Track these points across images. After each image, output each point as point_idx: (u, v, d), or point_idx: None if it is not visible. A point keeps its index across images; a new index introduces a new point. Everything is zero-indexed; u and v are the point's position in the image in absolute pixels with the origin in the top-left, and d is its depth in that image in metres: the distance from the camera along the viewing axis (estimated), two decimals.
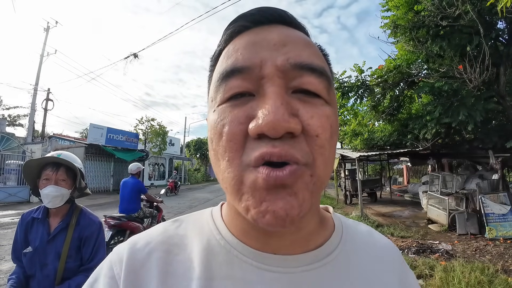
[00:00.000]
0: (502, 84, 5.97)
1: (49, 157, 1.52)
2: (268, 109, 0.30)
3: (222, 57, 0.38)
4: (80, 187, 1.58)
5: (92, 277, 0.41)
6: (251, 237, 0.40)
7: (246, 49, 0.35)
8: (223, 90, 0.35)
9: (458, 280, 3.63)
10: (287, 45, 0.35)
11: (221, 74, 0.36)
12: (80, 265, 1.50)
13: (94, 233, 1.55)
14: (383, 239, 0.51)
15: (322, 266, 0.40)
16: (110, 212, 5.38)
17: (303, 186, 0.31)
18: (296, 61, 0.34)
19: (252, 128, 0.31)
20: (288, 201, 0.30)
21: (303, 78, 0.34)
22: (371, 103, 8.41)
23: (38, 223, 1.51)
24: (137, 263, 0.39)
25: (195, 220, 0.47)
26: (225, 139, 0.33)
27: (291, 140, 0.31)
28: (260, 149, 0.31)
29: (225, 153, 0.33)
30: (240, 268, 0.38)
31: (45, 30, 18.48)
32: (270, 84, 0.33)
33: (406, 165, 19.59)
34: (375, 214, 9.33)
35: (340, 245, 0.44)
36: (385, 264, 0.46)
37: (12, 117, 24.58)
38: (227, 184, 0.34)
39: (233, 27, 0.39)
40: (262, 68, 0.33)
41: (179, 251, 0.41)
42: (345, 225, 0.48)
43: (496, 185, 6.76)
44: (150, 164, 24.20)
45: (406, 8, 6.39)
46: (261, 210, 0.30)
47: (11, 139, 13.19)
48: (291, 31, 0.38)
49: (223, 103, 0.35)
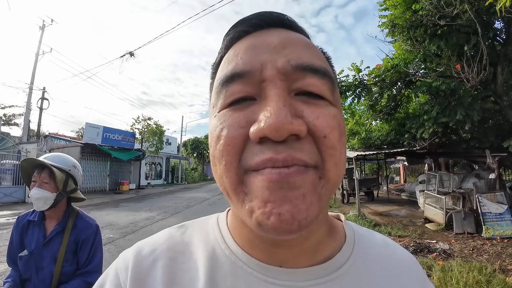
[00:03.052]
0: (499, 83, 6.00)
1: (34, 159, 1.51)
2: (270, 111, 0.29)
3: (222, 63, 0.37)
4: (67, 190, 1.53)
5: (98, 284, 0.41)
6: (257, 248, 0.39)
7: (246, 53, 0.35)
8: (224, 96, 0.34)
9: (456, 280, 3.63)
10: (287, 47, 0.34)
11: (222, 80, 0.35)
12: (77, 269, 1.47)
13: (91, 237, 1.52)
14: (400, 252, 0.47)
15: (330, 280, 0.37)
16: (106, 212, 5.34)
17: (311, 189, 0.30)
18: (297, 63, 0.33)
19: (253, 131, 0.29)
20: (295, 204, 0.29)
21: (305, 79, 0.33)
22: (369, 102, 8.41)
23: (34, 226, 1.48)
24: (142, 271, 0.39)
25: (200, 227, 0.46)
26: (222, 143, 0.32)
27: (297, 142, 0.30)
28: (262, 155, 0.30)
29: (222, 157, 0.32)
30: (245, 280, 0.37)
31: (41, 29, 18.32)
32: (271, 87, 0.32)
33: (403, 164, 19.67)
34: (372, 213, 9.35)
35: (351, 258, 0.41)
36: (403, 281, 0.42)
37: (7, 117, 24.30)
38: (227, 189, 0.33)
39: (233, 33, 0.38)
40: (263, 71, 0.32)
41: (185, 260, 0.41)
42: (358, 235, 0.45)
43: (493, 184, 6.80)
44: (146, 164, 24.15)
45: (404, 7, 6.40)
46: (266, 211, 0.29)
47: (6, 139, 13.08)
48: (291, 34, 0.37)
49: (224, 109, 0.34)
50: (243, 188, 0.31)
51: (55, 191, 1.48)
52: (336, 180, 0.33)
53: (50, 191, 1.45)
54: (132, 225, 7.73)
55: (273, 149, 0.29)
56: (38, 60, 17.99)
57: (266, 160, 0.29)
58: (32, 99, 17.51)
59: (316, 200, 0.30)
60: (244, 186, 0.31)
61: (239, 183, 0.31)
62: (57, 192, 1.48)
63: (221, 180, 0.33)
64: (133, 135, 20.19)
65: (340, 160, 0.33)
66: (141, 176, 22.28)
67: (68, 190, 1.53)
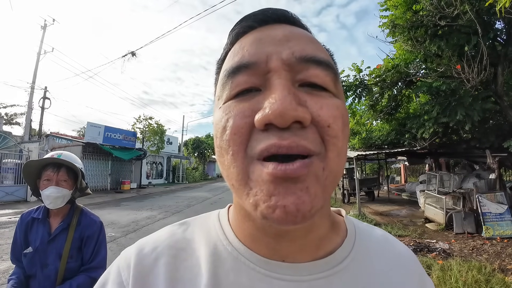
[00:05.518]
0: (499, 84, 6.00)
1: (50, 157, 1.50)
2: (275, 98, 0.30)
3: (228, 56, 0.38)
4: (81, 187, 1.57)
5: (100, 282, 0.41)
6: (260, 242, 0.39)
7: (252, 46, 0.35)
8: (230, 87, 0.35)
9: (455, 279, 3.64)
10: (291, 40, 0.35)
11: (228, 71, 0.36)
12: (81, 265, 1.50)
13: (95, 233, 1.54)
14: (400, 246, 0.48)
15: (332, 274, 0.38)
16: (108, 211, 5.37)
17: (314, 180, 0.30)
18: (301, 54, 0.34)
19: (258, 118, 0.30)
20: (299, 196, 0.29)
21: (309, 71, 0.34)
22: (369, 102, 8.42)
23: (39, 223, 1.50)
24: (145, 269, 0.39)
25: (202, 224, 0.46)
26: (229, 133, 0.32)
27: (301, 130, 0.30)
28: (266, 140, 0.30)
29: (229, 147, 0.32)
30: (248, 275, 0.37)
31: (42, 28, 18.34)
32: (276, 77, 0.32)
33: (404, 164, 19.64)
34: (373, 213, 9.36)
35: (352, 252, 0.41)
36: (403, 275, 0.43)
37: (9, 116, 24.38)
38: (233, 180, 0.33)
39: (238, 28, 0.39)
40: (268, 63, 0.33)
41: (187, 256, 0.41)
42: (358, 230, 0.46)
43: (493, 184, 6.80)
44: (147, 163, 24.15)
45: (404, 7, 6.40)
46: (271, 205, 0.29)
47: (8, 138, 13.10)
48: (295, 29, 0.38)
49: (229, 100, 0.35)
50: (248, 180, 0.31)
51: (72, 189, 1.52)
52: (339, 171, 0.33)
53: (68, 188, 1.50)
54: (133, 224, 7.76)
55: (278, 135, 0.30)
56: (40, 60, 18.01)
57: (270, 145, 0.29)
58: (33, 98, 17.55)
59: (320, 191, 0.31)
60: (249, 179, 0.31)
61: (245, 174, 0.31)
62: (72, 190, 1.53)
63: (228, 171, 0.33)
64: (134, 134, 20.21)
65: (342, 151, 0.33)
66: (142, 176, 22.30)
67: (82, 187, 1.57)
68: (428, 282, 0.46)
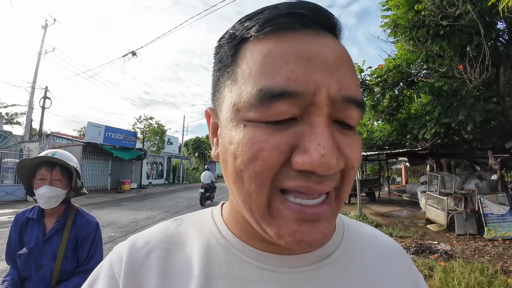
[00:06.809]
0: (501, 84, 5.98)
1: (44, 156, 1.47)
2: (318, 144, 0.29)
3: (261, 59, 0.31)
4: (76, 186, 1.54)
5: (92, 276, 0.41)
6: (255, 239, 0.40)
7: (299, 66, 0.30)
8: (265, 112, 0.30)
9: (458, 281, 3.61)
10: (339, 69, 0.31)
11: (265, 93, 0.30)
12: (77, 266, 1.47)
13: (91, 234, 1.51)
14: (387, 240, 0.50)
15: (323, 266, 0.40)
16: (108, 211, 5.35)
17: (332, 212, 0.32)
18: (347, 94, 0.31)
19: (300, 162, 0.29)
20: (321, 231, 0.31)
21: (348, 111, 0.32)
22: (370, 102, 8.39)
23: (33, 224, 1.47)
24: (136, 262, 0.40)
25: (195, 220, 0.47)
26: (262, 166, 0.30)
27: (331, 174, 0.31)
28: (298, 181, 0.30)
29: (257, 178, 0.30)
30: (240, 267, 0.38)
31: (43, 28, 18.38)
32: (318, 113, 0.30)
33: (405, 165, 19.63)
34: (374, 214, 9.33)
35: (341, 244, 0.43)
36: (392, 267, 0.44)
37: (10, 115, 24.43)
38: (253, 206, 0.32)
39: (275, 19, 0.31)
40: (315, 96, 0.30)
41: (179, 250, 0.41)
42: (347, 225, 0.48)
43: (495, 185, 6.78)
44: (148, 163, 24.16)
45: (406, 7, 6.38)
46: (296, 239, 0.30)
47: (8, 137, 13.11)
48: (339, 47, 0.33)
49: (260, 122, 0.31)
50: (270, 210, 0.32)
51: (66, 188, 1.49)
52: (345, 197, 0.35)
53: (62, 188, 1.46)
54: (133, 224, 7.74)
55: (313, 180, 0.30)
56: (40, 59, 18.06)
57: (302, 187, 0.30)
58: (34, 98, 17.62)
59: (334, 218, 0.33)
60: (271, 208, 0.31)
61: (268, 204, 0.31)
62: (67, 189, 1.49)
63: (250, 198, 0.32)
64: (134, 134, 20.21)
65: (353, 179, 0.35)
66: (143, 176, 22.31)
67: (76, 186, 1.54)
68: (418, 276, 0.47)
